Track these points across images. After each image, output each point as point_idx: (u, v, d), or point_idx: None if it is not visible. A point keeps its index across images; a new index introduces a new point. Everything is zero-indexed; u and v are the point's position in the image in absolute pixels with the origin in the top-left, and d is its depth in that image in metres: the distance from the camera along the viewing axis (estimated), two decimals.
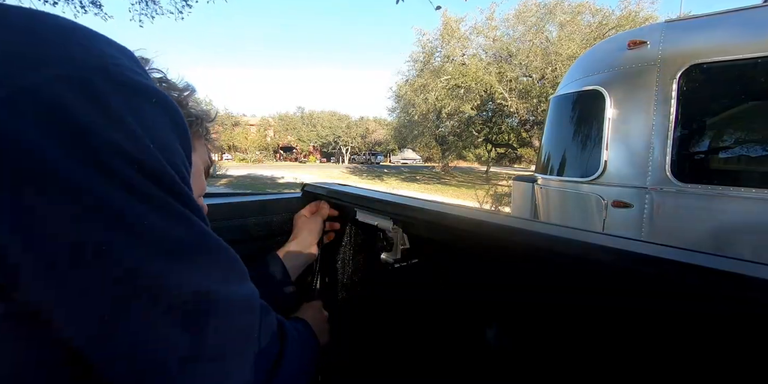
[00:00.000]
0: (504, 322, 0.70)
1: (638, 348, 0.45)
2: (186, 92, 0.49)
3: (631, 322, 0.46)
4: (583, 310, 0.52)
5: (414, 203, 0.75)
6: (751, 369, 0.35)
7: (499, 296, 0.66)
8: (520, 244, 0.53)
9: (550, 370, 0.58)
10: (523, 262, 0.57)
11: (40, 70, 0.26)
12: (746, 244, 1.77)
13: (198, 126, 0.51)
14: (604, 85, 2.24)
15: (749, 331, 0.35)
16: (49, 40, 0.28)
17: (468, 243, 0.64)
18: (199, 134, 0.52)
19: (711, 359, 0.39)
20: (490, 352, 0.71)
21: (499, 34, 12.68)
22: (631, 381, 0.47)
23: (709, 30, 1.94)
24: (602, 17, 11.79)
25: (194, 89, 0.50)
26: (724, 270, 0.36)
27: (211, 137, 0.55)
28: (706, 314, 0.38)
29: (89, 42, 0.31)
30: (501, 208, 7.96)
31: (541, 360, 0.60)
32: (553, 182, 2.69)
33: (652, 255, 0.41)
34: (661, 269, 0.40)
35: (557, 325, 0.57)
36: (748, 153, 1.83)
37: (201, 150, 0.53)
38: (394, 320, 0.93)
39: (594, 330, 0.52)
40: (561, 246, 0.48)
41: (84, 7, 6.31)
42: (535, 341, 0.63)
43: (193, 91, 0.50)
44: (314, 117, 42.37)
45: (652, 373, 0.44)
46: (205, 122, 0.53)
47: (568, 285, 0.51)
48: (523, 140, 16.89)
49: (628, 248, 0.43)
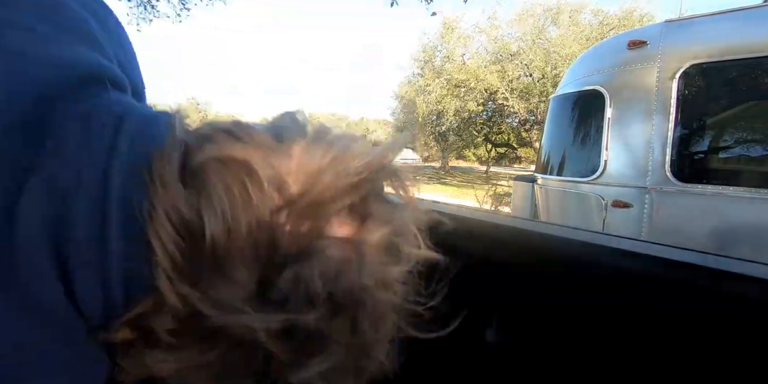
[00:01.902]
0: (504, 323, 0.70)
1: (638, 348, 0.45)
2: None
3: (630, 322, 0.46)
4: (583, 310, 0.52)
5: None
6: (751, 369, 0.35)
7: (499, 296, 0.67)
8: (520, 244, 0.53)
9: (551, 371, 0.58)
10: (523, 261, 0.58)
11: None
12: (746, 244, 1.77)
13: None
14: (604, 85, 2.24)
15: (749, 331, 0.35)
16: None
17: (468, 243, 0.64)
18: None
19: (711, 359, 0.39)
20: (490, 353, 0.71)
21: (500, 33, 12.70)
22: (632, 381, 0.47)
23: (709, 30, 1.94)
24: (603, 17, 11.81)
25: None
26: (724, 270, 0.36)
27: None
28: (706, 314, 0.38)
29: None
30: (501, 208, 7.96)
31: (541, 360, 0.61)
32: (553, 182, 2.69)
33: (652, 255, 0.41)
34: (661, 269, 0.40)
35: (557, 325, 0.57)
36: (748, 153, 1.83)
37: None
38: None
39: (594, 330, 0.52)
40: (561, 246, 0.48)
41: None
42: (535, 341, 0.63)
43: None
44: (314, 117, 42.48)
45: (652, 374, 0.44)
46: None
47: (568, 285, 0.51)
48: (523, 140, 16.89)
49: (629, 248, 0.44)
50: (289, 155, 0.24)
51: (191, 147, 0.24)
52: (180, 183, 0.22)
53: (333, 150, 0.24)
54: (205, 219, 0.21)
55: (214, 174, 0.22)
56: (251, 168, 0.22)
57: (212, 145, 0.24)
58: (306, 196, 0.23)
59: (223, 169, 0.22)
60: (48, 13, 0.27)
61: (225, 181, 0.22)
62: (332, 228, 0.23)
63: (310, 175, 0.23)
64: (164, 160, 0.23)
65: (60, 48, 0.26)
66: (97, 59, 0.28)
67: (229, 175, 0.22)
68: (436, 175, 21.39)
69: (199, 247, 0.21)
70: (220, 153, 0.23)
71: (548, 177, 2.72)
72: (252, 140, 0.24)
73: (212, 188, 0.22)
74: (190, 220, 0.21)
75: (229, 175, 0.22)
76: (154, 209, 0.21)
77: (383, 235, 0.24)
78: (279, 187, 0.22)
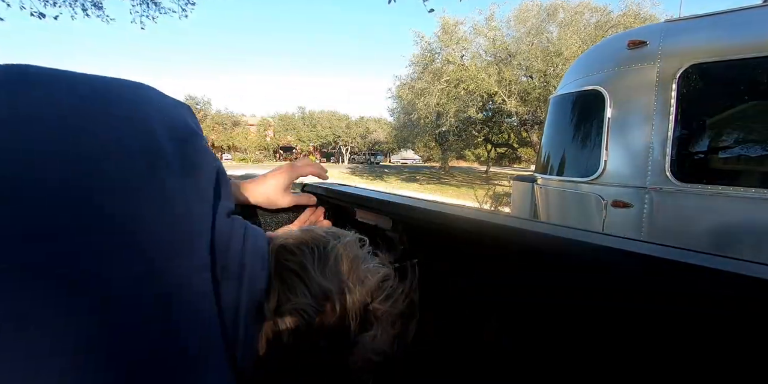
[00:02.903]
0: (504, 323, 0.70)
1: (638, 348, 0.45)
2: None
3: (630, 322, 0.46)
4: (583, 311, 0.52)
5: (414, 203, 0.75)
6: (751, 369, 0.35)
7: (499, 296, 0.67)
8: (520, 244, 0.53)
9: (551, 371, 0.58)
10: (523, 262, 0.57)
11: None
12: (746, 244, 1.77)
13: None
14: (604, 85, 2.24)
15: (749, 332, 0.35)
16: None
17: (468, 243, 0.64)
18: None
19: (710, 359, 0.39)
20: (490, 353, 0.71)
21: (498, 34, 12.67)
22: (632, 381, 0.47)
23: (709, 30, 1.94)
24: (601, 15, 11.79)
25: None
26: (724, 270, 0.36)
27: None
28: (706, 314, 0.38)
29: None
30: (501, 208, 7.96)
31: (541, 360, 0.60)
32: (552, 182, 2.69)
33: (652, 255, 0.41)
34: (661, 269, 0.40)
35: (557, 325, 0.57)
36: (747, 153, 1.83)
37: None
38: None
39: (594, 330, 0.52)
40: (561, 246, 0.48)
41: (85, 10, 6.25)
42: (535, 341, 0.63)
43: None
44: (314, 117, 42.39)
45: (652, 374, 0.44)
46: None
47: (568, 285, 0.51)
48: (523, 140, 16.90)
49: (628, 248, 0.43)
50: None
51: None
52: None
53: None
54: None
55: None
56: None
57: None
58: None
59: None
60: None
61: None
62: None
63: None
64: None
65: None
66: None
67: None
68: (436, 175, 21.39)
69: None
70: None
71: (548, 177, 2.72)
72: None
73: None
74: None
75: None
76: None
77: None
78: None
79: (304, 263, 0.43)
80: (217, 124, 38.44)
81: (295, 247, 0.45)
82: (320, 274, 0.42)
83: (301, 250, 0.45)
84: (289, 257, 0.44)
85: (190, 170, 0.36)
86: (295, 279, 0.42)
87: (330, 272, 0.43)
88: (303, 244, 0.46)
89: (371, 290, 0.45)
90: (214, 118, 38.26)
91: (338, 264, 0.44)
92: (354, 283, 0.43)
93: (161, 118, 0.36)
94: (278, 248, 0.45)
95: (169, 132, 0.35)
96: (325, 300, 0.41)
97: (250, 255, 0.40)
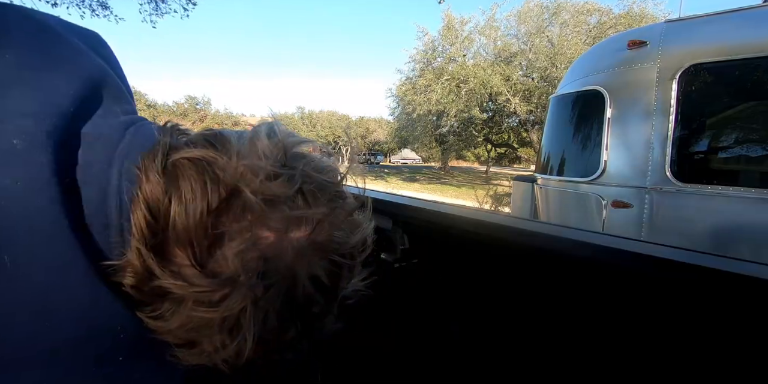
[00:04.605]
0: (504, 323, 0.70)
1: (638, 348, 0.45)
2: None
3: (630, 321, 0.46)
4: (583, 310, 0.52)
5: (414, 203, 0.75)
6: (751, 369, 0.35)
7: (499, 296, 0.66)
8: (520, 243, 0.53)
9: (551, 371, 0.58)
10: (523, 261, 0.57)
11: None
12: (746, 244, 1.77)
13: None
14: (604, 85, 2.24)
15: (749, 332, 0.35)
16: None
17: (468, 243, 0.64)
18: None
19: (710, 359, 0.39)
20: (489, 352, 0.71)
21: (501, 34, 12.67)
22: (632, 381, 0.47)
23: (709, 30, 1.94)
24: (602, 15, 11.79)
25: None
26: (724, 270, 0.36)
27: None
28: (706, 314, 0.38)
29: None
30: (501, 208, 7.96)
31: (541, 360, 0.60)
32: (552, 182, 2.69)
33: (652, 255, 0.41)
34: (660, 269, 0.40)
35: (557, 325, 0.57)
36: (747, 153, 1.83)
37: None
38: (393, 320, 0.93)
39: (594, 330, 0.52)
40: (561, 246, 0.48)
41: (93, 10, 6.28)
42: (535, 341, 0.63)
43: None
44: (314, 117, 42.40)
45: (652, 374, 0.44)
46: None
47: (568, 285, 0.51)
48: (523, 140, 16.90)
49: (628, 248, 0.43)
50: (243, 159, 0.30)
51: (176, 148, 0.31)
52: (159, 175, 0.29)
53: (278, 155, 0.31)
54: (172, 203, 0.28)
55: (185, 170, 0.29)
56: (213, 168, 0.29)
57: (191, 148, 0.31)
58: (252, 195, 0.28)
59: (192, 167, 0.29)
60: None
61: (191, 176, 0.29)
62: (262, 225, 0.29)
63: (257, 179, 0.29)
64: (150, 158, 0.31)
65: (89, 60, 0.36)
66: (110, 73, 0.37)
67: (194, 172, 0.29)
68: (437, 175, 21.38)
69: (164, 224, 0.28)
70: (193, 154, 0.30)
71: (548, 177, 2.72)
72: (223, 147, 0.31)
73: (181, 181, 0.29)
74: (161, 203, 0.29)
75: (194, 172, 0.29)
76: (137, 194, 0.29)
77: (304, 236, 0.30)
78: (232, 187, 0.28)
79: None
80: (217, 124, 38.47)
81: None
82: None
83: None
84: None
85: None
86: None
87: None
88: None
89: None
90: (213, 118, 38.31)
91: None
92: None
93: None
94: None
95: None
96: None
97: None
